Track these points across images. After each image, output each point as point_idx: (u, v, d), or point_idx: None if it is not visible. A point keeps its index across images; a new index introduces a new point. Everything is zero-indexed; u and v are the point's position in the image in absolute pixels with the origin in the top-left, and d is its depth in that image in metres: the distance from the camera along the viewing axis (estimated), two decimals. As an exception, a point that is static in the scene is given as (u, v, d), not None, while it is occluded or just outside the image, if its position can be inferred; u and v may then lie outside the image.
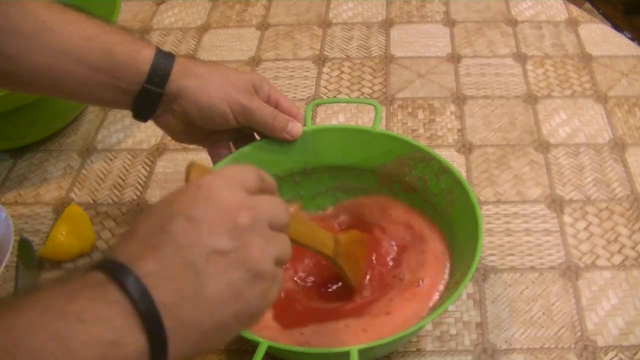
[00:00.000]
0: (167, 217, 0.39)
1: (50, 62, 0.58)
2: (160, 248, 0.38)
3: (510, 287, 0.66)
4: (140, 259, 0.37)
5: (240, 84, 0.62)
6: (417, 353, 0.61)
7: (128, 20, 1.06)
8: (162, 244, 0.38)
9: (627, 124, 0.83)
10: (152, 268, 0.37)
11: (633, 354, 0.60)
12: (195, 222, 0.39)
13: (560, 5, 1.04)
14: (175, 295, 0.37)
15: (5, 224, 0.66)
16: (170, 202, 0.40)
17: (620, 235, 0.70)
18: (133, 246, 0.38)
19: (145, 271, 0.37)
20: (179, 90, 0.60)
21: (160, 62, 0.60)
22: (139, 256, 0.37)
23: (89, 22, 0.59)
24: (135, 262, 0.37)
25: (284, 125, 0.65)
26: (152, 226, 0.39)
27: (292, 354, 0.55)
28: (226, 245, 0.39)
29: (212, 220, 0.39)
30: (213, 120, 0.62)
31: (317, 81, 0.92)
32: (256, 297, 0.40)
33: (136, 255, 0.38)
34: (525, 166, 0.78)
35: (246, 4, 1.09)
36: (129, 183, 0.80)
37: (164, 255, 0.37)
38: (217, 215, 0.39)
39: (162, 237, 0.38)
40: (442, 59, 0.95)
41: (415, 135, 0.83)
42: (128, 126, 0.88)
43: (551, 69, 0.92)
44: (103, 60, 0.58)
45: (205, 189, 0.40)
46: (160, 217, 0.39)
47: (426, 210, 0.66)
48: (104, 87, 0.60)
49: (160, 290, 0.37)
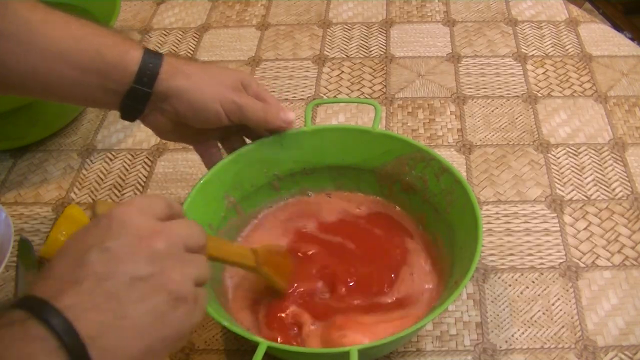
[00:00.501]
0: (82, 250, 0.39)
1: (38, 64, 0.57)
2: (80, 281, 0.38)
3: (510, 287, 0.66)
4: (60, 293, 0.37)
5: (230, 82, 0.63)
6: (417, 353, 0.61)
7: (128, 20, 1.06)
8: (81, 276, 0.38)
9: (627, 124, 0.83)
10: (73, 301, 0.37)
11: (633, 354, 0.60)
12: (111, 251, 0.39)
13: (560, 5, 1.04)
14: (100, 325, 0.37)
15: (5, 224, 0.66)
16: (83, 237, 0.40)
17: (620, 235, 0.70)
18: (52, 282, 0.38)
19: (66, 304, 0.36)
20: (169, 90, 0.60)
21: (149, 62, 0.59)
22: (59, 291, 0.37)
23: (77, 23, 0.59)
24: (55, 297, 0.37)
25: (277, 115, 0.64)
26: (69, 261, 0.39)
27: (292, 354, 0.55)
28: (145, 271, 0.39)
29: (128, 248, 0.39)
30: (207, 120, 0.62)
31: (317, 81, 0.92)
32: (180, 320, 0.40)
33: (56, 290, 0.37)
34: (525, 166, 0.78)
35: (246, 4, 1.09)
36: (129, 183, 0.80)
37: (84, 287, 0.37)
38: (132, 242, 0.40)
39: (81, 270, 0.38)
40: (442, 59, 0.95)
41: (415, 135, 0.83)
42: (128, 126, 0.88)
43: (551, 69, 0.92)
44: (92, 61, 0.58)
45: (117, 218, 0.41)
46: (76, 251, 0.39)
47: (426, 210, 0.66)
48: (94, 88, 0.59)
49: (84, 321, 0.36)
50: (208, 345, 0.63)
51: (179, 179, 0.80)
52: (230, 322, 0.54)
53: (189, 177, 0.80)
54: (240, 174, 0.67)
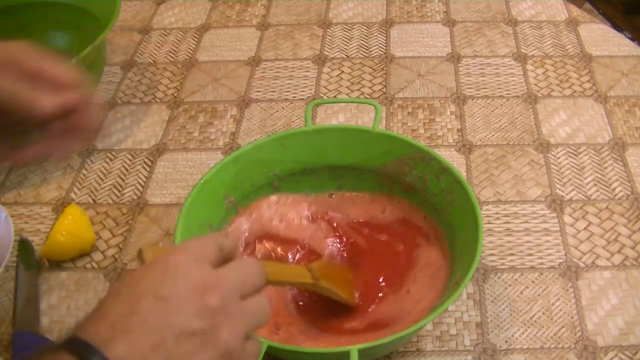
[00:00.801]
0: (136, 296, 0.39)
1: None
2: (131, 329, 0.37)
3: (510, 287, 0.66)
4: (110, 340, 0.37)
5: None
6: (417, 353, 0.61)
7: (128, 20, 1.06)
8: (132, 325, 0.37)
9: (627, 124, 0.83)
10: (122, 350, 0.37)
11: (633, 354, 0.60)
12: (164, 301, 0.38)
13: (560, 5, 1.04)
14: None
15: (5, 224, 0.66)
16: (138, 280, 0.40)
17: (620, 235, 0.70)
18: (102, 327, 0.38)
19: (116, 354, 0.36)
20: None
21: None
22: (109, 338, 0.37)
23: None
24: (105, 344, 0.36)
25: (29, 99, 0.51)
26: (121, 306, 0.38)
27: (292, 353, 0.55)
28: (196, 326, 0.39)
29: (181, 300, 0.39)
30: None
31: (317, 81, 0.92)
32: None
33: (106, 336, 0.37)
34: (525, 166, 0.78)
35: (246, 4, 1.09)
36: (129, 183, 0.80)
37: (134, 338, 0.37)
38: (185, 294, 0.39)
39: (132, 317, 0.38)
40: (442, 59, 0.95)
41: (415, 135, 0.83)
42: (128, 126, 0.88)
43: (551, 69, 0.92)
44: None
45: (172, 266, 0.40)
46: (129, 296, 0.39)
47: (426, 210, 0.66)
48: None
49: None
50: (208, 345, 0.63)
51: (179, 179, 0.80)
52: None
53: (189, 177, 0.80)
54: (240, 174, 0.67)
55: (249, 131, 0.85)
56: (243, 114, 0.88)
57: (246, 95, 0.91)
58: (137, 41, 1.02)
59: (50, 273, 0.70)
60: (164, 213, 0.76)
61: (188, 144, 0.84)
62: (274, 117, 0.87)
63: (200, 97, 0.91)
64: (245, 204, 0.68)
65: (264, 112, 0.88)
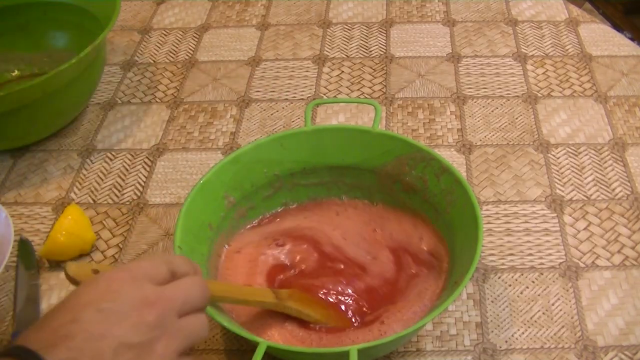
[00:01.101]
0: (79, 306, 0.41)
1: None
2: (72, 337, 0.39)
3: (510, 287, 0.66)
4: (51, 346, 0.38)
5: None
6: (417, 353, 0.61)
7: (128, 20, 1.06)
8: (73, 333, 0.39)
9: (627, 124, 0.83)
10: (63, 356, 0.38)
11: (633, 354, 0.60)
12: (105, 313, 0.40)
13: (560, 5, 1.04)
14: None
15: (5, 224, 0.66)
16: (81, 294, 0.42)
17: (620, 235, 0.70)
18: (44, 334, 0.39)
19: (57, 358, 0.38)
20: None
21: None
22: (51, 344, 0.38)
23: None
24: (46, 350, 0.38)
25: None
26: (64, 315, 0.40)
27: (292, 353, 0.55)
28: (133, 340, 0.41)
29: (121, 314, 0.41)
30: None
31: (317, 81, 0.92)
32: None
33: (48, 343, 0.39)
34: (525, 166, 0.78)
35: (246, 4, 1.09)
36: (129, 183, 0.80)
37: (74, 344, 0.39)
38: (125, 309, 0.41)
39: (74, 326, 0.39)
40: (442, 59, 0.95)
41: (415, 135, 0.83)
42: (128, 126, 0.88)
43: (551, 69, 0.92)
44: None
45: (115, 282, 0.43)
46: (72, 307, 0.41)
47: (426, 210, 0.66)
48: None
49: None
50: (208, 345, 0.63)
51: (179, 179, 0.80)
52: (230, 322, 0.54)
53: (189, 177, 0.80)
54: (240, 174, 0.67)
55: (249, 131, 0.85)
56: (243, 114, 0.88)
57: (246, 95, 0.91)
58: (137, 41, 1.02)
59: (50, 273, 0.70)
60: (164, 213, 0.76)
61: (188, 144, 0.84)
62: (274, 117, 0.87)
63: (200, 97, 0.91)
64: (245, 205, 0.68)
65: (264, 112, 0.88)
